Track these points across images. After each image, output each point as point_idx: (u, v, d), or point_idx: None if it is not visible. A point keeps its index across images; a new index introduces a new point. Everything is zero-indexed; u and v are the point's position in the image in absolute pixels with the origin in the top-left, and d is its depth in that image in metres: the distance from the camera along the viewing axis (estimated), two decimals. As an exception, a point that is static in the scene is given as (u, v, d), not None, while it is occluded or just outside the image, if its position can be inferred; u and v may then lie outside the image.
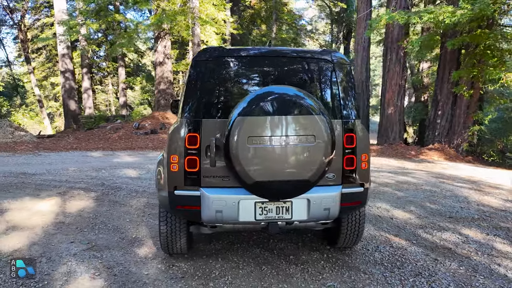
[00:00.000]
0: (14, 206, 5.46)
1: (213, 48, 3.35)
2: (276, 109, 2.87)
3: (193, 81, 3.23)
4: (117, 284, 3.30)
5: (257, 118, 2.86)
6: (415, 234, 4.67)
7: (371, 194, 6.63)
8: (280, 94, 2.93)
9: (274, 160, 2.91)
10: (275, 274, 3.54)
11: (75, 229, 4.64)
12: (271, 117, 2.87)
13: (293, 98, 2.92)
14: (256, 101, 2.88)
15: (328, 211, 3.28)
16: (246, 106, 2.88)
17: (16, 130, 18.23)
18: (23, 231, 4.48)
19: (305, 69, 3.43)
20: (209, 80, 3.22)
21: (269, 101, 2.88)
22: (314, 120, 2.91)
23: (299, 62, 3.45)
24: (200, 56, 3.28)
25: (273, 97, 2.90)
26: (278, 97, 2.91)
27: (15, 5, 30.24)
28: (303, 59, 3.46)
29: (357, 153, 3.35)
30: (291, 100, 2.90)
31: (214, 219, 3.21)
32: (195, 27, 16.87)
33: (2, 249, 3.94)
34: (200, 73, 3.23)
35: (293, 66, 3.44)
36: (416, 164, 11.35)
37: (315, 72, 3.42)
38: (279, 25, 24.99)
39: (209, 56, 3.26)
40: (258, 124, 2.86)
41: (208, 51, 3.31)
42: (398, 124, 14.23)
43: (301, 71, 3.43)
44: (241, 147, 2.85)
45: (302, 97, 2.94)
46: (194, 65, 3.26)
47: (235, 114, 2.89)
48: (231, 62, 3.32)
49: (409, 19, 11.18)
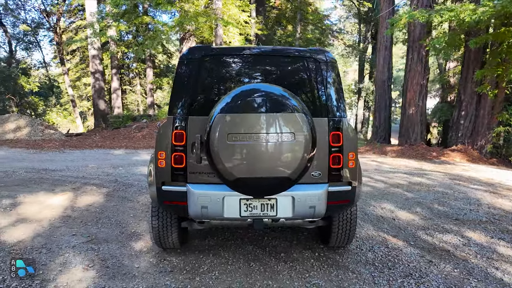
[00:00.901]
0: (28, 200, 5.71)
1: (200, 47, 3.42)
2: (255, 106, 2.91)
3: (180, 80, 3.31)
4: (108, 276, 3.42)
5: (237, 115, 2.90)
6: (414, 236, 4.59)
7: (379, 195, 6.55)
8: (260, 92, 2.96)
9: (254, 157, 2.94)
10: (262, 270, 3.57)
11: (79, 222, 4.82)
12: (251, 115, 2.91)
13: (273, 95, 2.94)
14: (236, 99, 2.93)
15: (314, 209, 3.28)
16: (227, 104, 2.93)
17: (46, 128, 18.97)
18: (30, 224, 4.69)
19: (290, 68, 3.44)
20: (195, 78, 3.29)
21: (249, 99, 2.92)
22: (294, 118, 2.93)
23: (284, 61, 3.47)
24: (186, 55, 3.35)
25: (253, 94, 2.94)
26: (258, 95, 2.94)
27: (51, 9, 31.51)
28: (288, 57, 3.48)
29: (344, 152, 3.34)
30: (271, 97, 2.93)
31: (200, 214, 3.28)
32: (218, 28, 17.04)
33: (7, 240, 4.15)
34: (186, 71, 3.31)
35: (278, 65, 3.46)
36: (435, 165, 11.07)
37: (300, 71, 3.43)
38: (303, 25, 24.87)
39: (195, 55, 3.33)
40: (238, 121, 2.90)
41: (194, 50, 3.38)
42: (419, 124, 13.91)
43: (286, 69, 3.45)
44: (221, 144, 2.91)
45: (282, 95, 2.96)
46: (180, 64, 3.34)
47: (216, 112, 2.94)
48: (218, 61, 3.38)
49: (430, 17, 10.93)
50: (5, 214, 5.01)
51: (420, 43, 13.39)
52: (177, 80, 3.33)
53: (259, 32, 23.87)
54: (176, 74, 3.36)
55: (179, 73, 3.32)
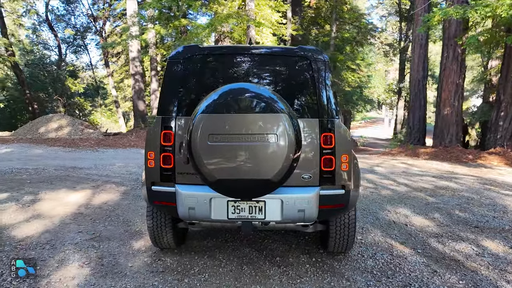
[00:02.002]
0: (48, 197, 5.94)
1: (187, 47, 3.40)
2: (237, 107, 2.85)
3: (168, 80, 3.31)
4: (100, 274, 3.47)
5: (218, 116, 2.86)
6: (424, 243, 4.36)
7: (398, 199, 6.29)
8: (242, 92, 2.89)
9: (235, 158, 2.88)
10: (253, 274, 3.51)
11: (89, 220, 4.95)
12: (232, 115, 2.85)
13: (255, 95, 2.87)
14: (217, 99, 2.88)
15: (303, 212, 3.18)
16: (208, 104, 2.88)
17: (86, 128, 19.78)
18: (43, 220, 4.87)
19: (280, 67, 3.35)
20: (183, 78, 3.27)
21: (230, 99, 2.86)
22: (276, 119, 2.84)
23: (273, 60, 3.38)
24: (174, 55, 3.35)
25: (235, 94, 2.88)
26: (240, 95, 2.88)
27: (98, 14, 32.96)
28: (278, 56, 3.39)
29: (336, 154, 3.21)
30: (253, 98, 2.86)
31: (187, 216, 3.27)
32: (250, 29, 17.07)
33: (17, 235, 4.32)
34: (174, 72, 3.30)
35: (267, 64, 3.37)
36: (469, 169, 10.51)
37: (289, 70, 3.33)
38: (339, 24, 24.41)
39: (182, 56, 3.32)
40: (219, 121, 2.85)
41: (182, 50, 3.36)
42: (455, 125, 13.25)
43: (276, 69, 3.35)
44: (202, 144, 2.87)
45: (264, 95, 2.88)
46: (168, 64, 3.34)
47: (197, 112, 2.91)
48: (205, 61, 3.35)
49: (465, 13, 10.37)
50: (23, 210, 5.23)
51: (455, 40, 12.76)
52: (165, 81, 3.33)
53: (294, 33, 23.70)
54: (164, 74, 3.36)
55: (167, 74, 3.32)
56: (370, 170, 9.28)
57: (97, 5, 34.49)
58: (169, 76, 3.31)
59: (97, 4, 34.63)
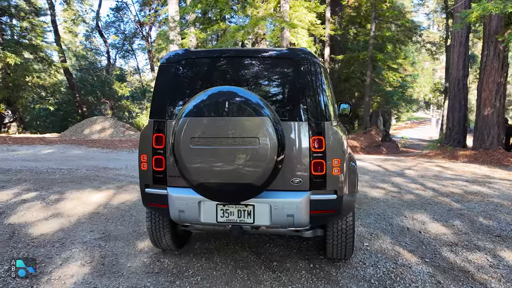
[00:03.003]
0: (72, 196, 6.21)
1: (178, 52, 3.43)
2: (219, 110, 2.85)
3: (159, 84, 3.37)
4: (98, 273, 3.59)
5: (200, 119, 2.87)
6: (435, 252, 4.14)
7: (419, 204, 6.02)
8: (225, 95, 2.89)
9: (216, 162, 2.88)
10: (246, 279, 3.48)
11: (103, 219, 5.12)
12: (213, 118, 2.85)
13: (237, 98, 2.86)
14: (201, 102, 2.89)
15: (292, 217, 3.13)
16: (191, 107, 2.90)
17: (127, 130, 20.55)
18: (61, 218, 5.10)
19: (269, 70, 3.30)
20: (173, 82, 3.31)
21: (213, 102, 2.86)
22: (258, 122, 2.81)
23: (262, 62, 3.33)
24: (165, 60, 3.40)
25: (217, 98, 2.88)
26: (222, 98, 2.87)
27: (144, 20, 34.28)
28: (266, 59, 3.34)
29: (327, 158, 3.12)
30: (234, 101, 2.85)
31: (178, 218, 3.32)
32: (284, 31, 17.02)
33: (32, 233, 4.55)
34: (164, 76, 3.35)
35: (256, 67, 3.33)
36: (509, 173, 9.85)
37: (278, 72, 3.28)
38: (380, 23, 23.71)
39: (172, 60, 3.36)
40: (200, 125, 2.87)
41: (172, 55, 3.41)
42: (496, 127, 12.46)
43: (265, 71, 3.31)
44: (185, 148, 2.89)
45: (247, 97, 2.86)
46: (159, 68, 3.39)
47: (181, 115, 2.93)
48: (194, 65, 3.37)
49: (505, 8, 9.74)
50: (45, 208, 5.50)
51: (496, 37, 12.01)
52: (156, 85, 3.39)
53: (332, 33, 23.36)
54: (156, 79, 3.42)
55: (158, 78, 3.38)
56: (399, 174, 8.95)
57: (143, 12, 35.92)
58: (160, 80, 3.37)
59: (143, 11, 36.07)
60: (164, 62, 3.38)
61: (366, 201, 6.17)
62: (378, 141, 19.16)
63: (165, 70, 3.36)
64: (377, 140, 19.15)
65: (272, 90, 3.25)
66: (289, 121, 3.14)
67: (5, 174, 7.94)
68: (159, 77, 3.37)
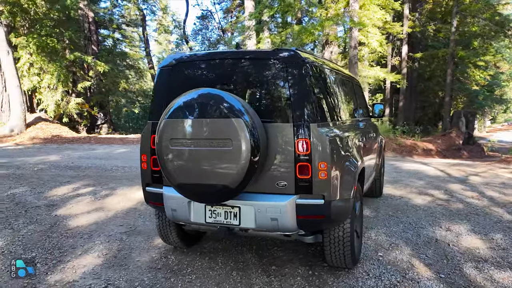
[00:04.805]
0: (120, 192, 6.71)
1: (174, 56, 3.57)
2: (195, 112, 2.94)
3: (157, 87, 3.55)
4: (107, 265, 3.86)
5: (178, 121, 2.99)
6: (455, 268, 3.77)
7: (464, 214, 5.49)
8: (201, 97, 2.97)
9: (193, 163, 2.98)
10: (238, 281, 3.50)
11: (136, 215, 5.46)
12: (190, 120, 2.95)
13: (212, 101, 2.92)
14: (180, 105, 3.00)
15: (276, 221, 3.10)
16: (172, 109, 3.02)
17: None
18: (101, 212, 5.54)
19: (255, 71, 3.27)
20: (168, 85, 3.45)
21: (190, 104, 2.97)
22: (231, 123, 2.84)
23: (249, 64, 3.32)
24: (162, 64, 3.56)
25: (195, 100, 2.97)
26: (199, 100, 2.96)
27: (226, 27, 35.82)
28: (253, 60, 3.32)
29: (312, 161, 3.03)
30: (209, 103, 2.92)
31: (172, 217, 3.46)
32: (353, 30, 16.55)
33: (71, 225, 5.02)
34: (162, 79, 3.52)
35: (244, 68, 3.32)
36: None
37: (265, 74, 3.23)
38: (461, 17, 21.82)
39: (168, 63, 3.51)
40: (179, 126, 2.99)
41: (169, 59, 3.55)
42: None
43: (251, 73, 3.28)
44: (165, 148, 3.02)
45: (222, 99, 2.90)
46: (158, 72, 3.57)
47: (164, 117, 3.06)
48: (188, 67, 3.46)
49: None
50: (92, 203, 6.02)
51: None
52: (155, 87, 3.58)
53: (409, 30, 22.10)
54: (154, 82, 3.60)
55: (156, 81, 3.57)
56: (461, 180, 8.22)
57: (226, 19, 37.49)
58: (158, 83, 3.55)
59: (226, 18, 37.62)
60: (162, 65, 3.55)
61: (404, 208, 5.79)
62: (459, 144, 17.66)
63: (162, 73, 3.52)
64: (458, 143, 17.66)
65: (259, 92, 3.24)
66: (274, 122, 3.11)
67: (75, 171, 8.82)
68: (158, 80, 3.55)
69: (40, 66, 18.44)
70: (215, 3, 44.74)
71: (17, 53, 17.79)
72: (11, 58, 16.40)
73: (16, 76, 16.63)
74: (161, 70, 3.54)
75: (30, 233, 4.64)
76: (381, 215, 5.43)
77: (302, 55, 3.22)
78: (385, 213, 5.51)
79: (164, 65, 3.53)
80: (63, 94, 19.54)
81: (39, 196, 6.26)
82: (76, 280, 3.54)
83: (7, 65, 16.42)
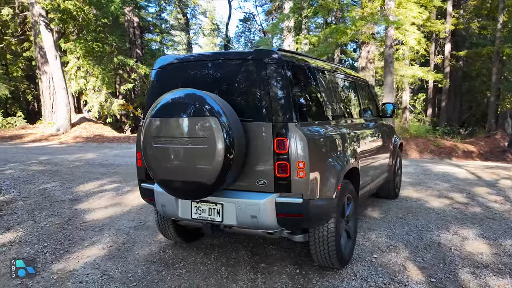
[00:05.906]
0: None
1: (166, 57, 3.75)
2: (174, 111, 3.10)
3: (150, 87, 3.74)
4: (108, 257, 4.09)
5: (159, 120, 3.17)
6: (450, 273, 3.66)
7: (478, 219, 5.27)
8: (180, 97, 3.12)
9: (172, 160, 3.13)
10: (224, 277, 3.60)
11: (148, 211, 5.68)
12: (168, 119, 3.11)
13: (188, 100, 3.06)
14: (162, 104, 3.17)
15: (256, 219, 3.18)
16: (155, 109, 3.19)
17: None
18: (117, 207, 5.84)
19: (237, 71, 3.35)
20: (160, 85, 3.63)
21: (170, 104, 3.13)
22: (205, 122, 2.96)
23: (232, 64, 3.40)
24: (155, 65, 3.74)
25: (174, 100, 3.14)
26: (177, 100, 3.12)
27: (267, 28, 36.26)
28: (236, 61, 3.40)
29: (291, 160, 3.09)
30: (186, 102, 3.06)
31: (162, 212, 3.65)
32: (388, 29, 16.17)
33: (86, 218, 5.34)
34: (155, 80, 3.72)
35: (227, 69, 3.43)
36: None
37: (246, 74, 3.30)
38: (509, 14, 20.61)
39: (160, 65, 3.70)
40: (159, 125, 3.16)
41: (161, 60, 3.73)
42: None
43: (234, 73, 3.37)
44: (148, 146, 3.20)
45: (200, 99, 3.02)
46: (152, 73, 3.77)
47: (148, 116, 3.23)
48: (178, 69, 3.63)
49: None
50: (112, 198, 6.36)
51: None
52: (149, 88, 3.78)
53: (452, 27, 21.19)
54: (149, 82, 3.80)
55: (150, 81, 3.76)
56: (490, 184, 7.82)
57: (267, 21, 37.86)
58: (151, 83, 3.75)
59: (268, 20, 37.98)
60: (155, 67, 3.74)
61: (417, 211, 5.64)
62: (504, 146, 16.69)
63: (155, 74, 3.72)
64: (502, 145, 16.71)
65: (240, 91, 3.32)
66: (254, 121, 3.19)
67: (107, 168, 9.30)
68: (151, 81, 3.74)
69: (86, 70, 19.48)
70: (257, 6, 45.38)
71: (65, 57, 18.93)
72: (58, 62, 17.48)
73: (63, 79, 17.71)
74: (154, 71, 3.73)
75: (49, 225, 4.99)
76: (389, 217, 5.32)
77: (281, 54, 3.27)
78: (394, 215, 5.41)
79: (157, 66, 3.72)
80: (106, 96, 20.52)
81: (66, 191, 6.69)
82: (76, 269, 3.79)
83: (55, 69, 17.52)
